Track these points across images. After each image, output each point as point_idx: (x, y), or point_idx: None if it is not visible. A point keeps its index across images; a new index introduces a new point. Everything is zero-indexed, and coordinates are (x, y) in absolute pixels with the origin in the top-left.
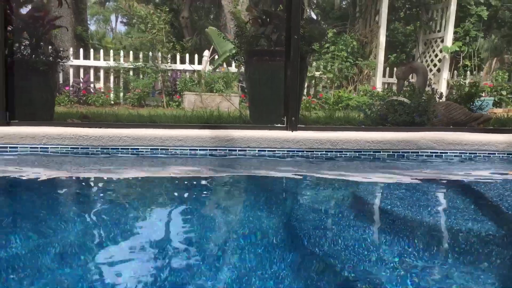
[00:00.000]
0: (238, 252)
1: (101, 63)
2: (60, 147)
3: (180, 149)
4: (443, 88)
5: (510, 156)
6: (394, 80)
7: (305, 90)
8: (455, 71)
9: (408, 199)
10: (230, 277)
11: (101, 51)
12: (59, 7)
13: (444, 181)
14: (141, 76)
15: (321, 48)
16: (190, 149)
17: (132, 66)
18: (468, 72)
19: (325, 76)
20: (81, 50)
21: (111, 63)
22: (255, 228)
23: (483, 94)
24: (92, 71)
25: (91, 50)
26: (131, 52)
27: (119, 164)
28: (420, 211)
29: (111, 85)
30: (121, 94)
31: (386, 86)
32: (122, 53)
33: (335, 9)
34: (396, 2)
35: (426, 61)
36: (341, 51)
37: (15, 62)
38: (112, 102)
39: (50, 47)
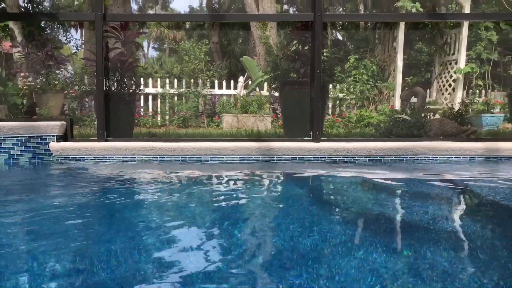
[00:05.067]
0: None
1: (151, 90)
2: (145, 157)
3: (232, 157)
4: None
5: (487, 158)
6: (415, 99)
7: (330, 110)
8: (470, 90)
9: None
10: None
11: (150, 79)
12: (137, 52)
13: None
14: (184, 101)
15: (342, 73)
16: (239, 157)
17: (177, 92)
18: (483, 91)
19: (348, 97)
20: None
21: (159, 90)
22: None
23: (494, 111)
24: (142, 97)
25: (141, 79)
26: (175, 80)
27: (195, 167)
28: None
29: (158, 109)
30: (167, 117)
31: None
32: (167, 80)
33: (360, 30)
34: (412, 28)
35: (442, 81)
36: (362, 74)
37: (108, 94)
38: (160, 124)
39: (132, 81)
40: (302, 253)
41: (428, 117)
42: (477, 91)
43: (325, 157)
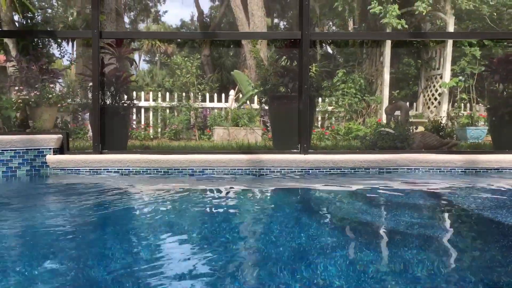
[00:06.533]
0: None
1: (143, 103)
2: (139, 168)
3: (223, 169)
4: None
5: (466, 170)
6: (399, 112)
7: (320, 123)
8: (455, 104)
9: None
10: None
11: (142, 93)
12: (132, 67)
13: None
14: (176, 114)
15: (331, 86)
16: (230, 169)
17: (168, 105)
18: (468, 104)
19: (337, 110)
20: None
21: (152, 103)
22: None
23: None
24: (134, 110)
25: (134, 92)
26: (167, 93)
27: (190, 179)
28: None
29: (151, 122)
30: (159, 129)
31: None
32: (159, 94)
33: (348, 45)
34: (399, 44)
35: (428, 95)
36: (350, 88)
37: (103, 107)
38: (152, 136)
39: (126, 95)
40: None
41: (411, 130)
42: (462, 104)
43: (313, 169)
